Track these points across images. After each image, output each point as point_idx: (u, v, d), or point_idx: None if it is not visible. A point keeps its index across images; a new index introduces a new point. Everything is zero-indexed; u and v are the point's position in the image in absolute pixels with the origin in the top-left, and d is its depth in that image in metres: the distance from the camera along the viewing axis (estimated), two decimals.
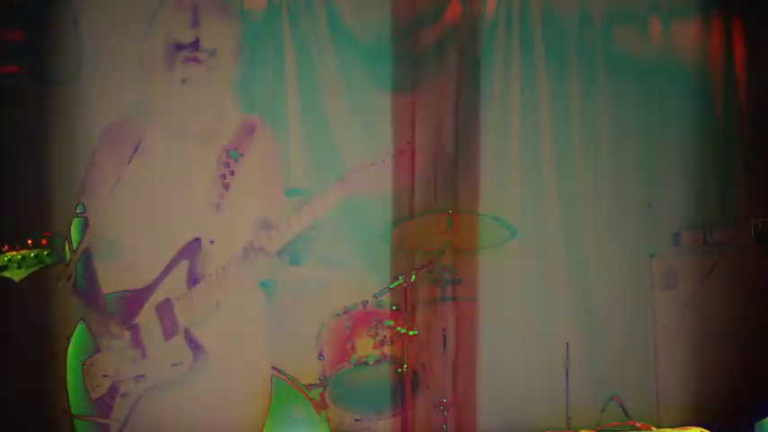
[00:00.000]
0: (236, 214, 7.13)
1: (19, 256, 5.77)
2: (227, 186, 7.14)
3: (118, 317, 7.02)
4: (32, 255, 5.79)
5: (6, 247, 5.83)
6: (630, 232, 7.42)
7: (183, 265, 7.05)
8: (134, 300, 7.03)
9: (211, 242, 7.09)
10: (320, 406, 7.00)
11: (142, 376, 6.99)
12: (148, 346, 7.03)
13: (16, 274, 5.81)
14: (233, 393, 7.05)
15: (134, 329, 7.03)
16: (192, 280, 7.07)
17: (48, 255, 5.84)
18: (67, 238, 6.92)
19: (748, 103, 7.42)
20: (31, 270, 5.80)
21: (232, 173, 7.15)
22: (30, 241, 5.84)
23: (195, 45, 7.13)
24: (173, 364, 7.01)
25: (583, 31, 7.45)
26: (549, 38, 7.42)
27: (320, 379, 7.04)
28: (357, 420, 7.07)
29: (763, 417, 6.48)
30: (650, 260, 7.40)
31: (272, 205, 7.19)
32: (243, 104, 7.24)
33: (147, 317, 7.05)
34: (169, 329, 7.04)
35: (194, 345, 7.04)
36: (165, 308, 7.04)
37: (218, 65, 7.17)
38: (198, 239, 7.08)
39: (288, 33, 7.28)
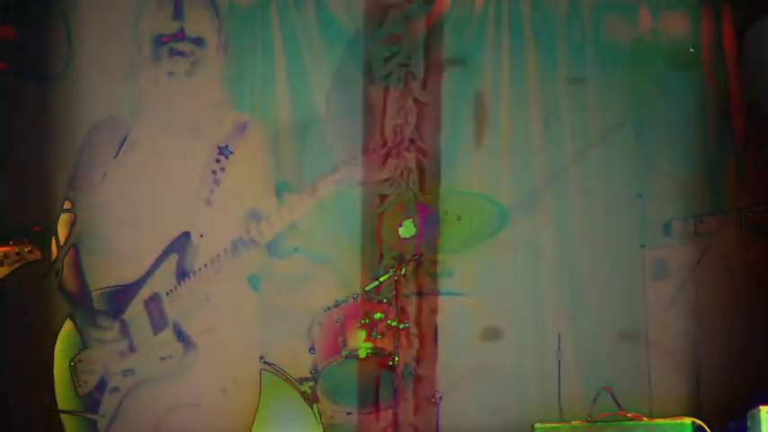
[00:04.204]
0: (225, 209, 7.13)
1: (0, 254, 5.71)
2: (217, 182, 7.14)
3: (106, 312, 7.02)
4: (15, 252, 5.74)
5: None
6: (622, 223, 7.41)
7: (172, 259, 7.05)
8: (122, 294, 7.03)
9: (201, 236, 7.09)
10: (311, 399, 7.00)
11: (131, 370, 6.99)
12: (137, 340, 7.02)
13: None
14: (223, 387, 7.05)
15: (122, 324, 7.03)
16: (181, 274, 7.07)
17: (29, 252, 5.77)
18: (55, 233, 6.94)
19: (738, 92, 7.40)
20: (13, 267, 5.74)
21: (223, 169, 7.15)
22: (11, 242, 5.78)
23: (181, 37, 7.13)
24: (161, 358, 7.01)
25: (572, 20, 7.45)
26: (538, 27, 7.42)
27: (311, 372, 7.03)
28: (348, 414, 7.05)
29: (755, 406, 6.46)
30: (641, 251, 7.40)
31: (262, 200, 7.18)
32: (232, 99, 7.24)
33: (135, 311, 7.04)
34: (158, 323, 7.04)
35: (183, 338, 7.04)
36: (153, 302, 7.03)
37: (205, 57, 7.17)
38: (187, 233, 7.08)
39: (276, 24, 7.30)
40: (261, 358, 7.06)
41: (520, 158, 7.39)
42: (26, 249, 5.77)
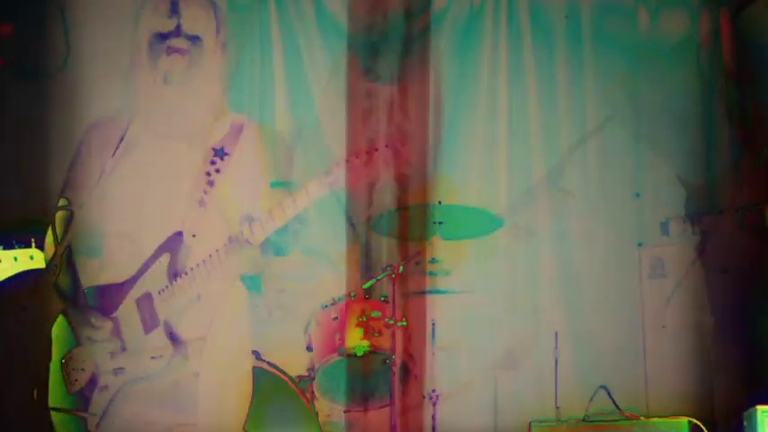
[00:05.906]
0: (219, 209, 7.14)
1: (13, 256, 5.30)
2: (211, 183, 7.14)
3: (97, 310, 7.02)
4: (29, 255, 5.16)
5: None
6: (619, 222, 7.42)
7: (165, 258, 7.06)
8: (114, 293, 7.04)
9: (193, 236, 7.09)
10: (308, 397, 7.01)
11: (121, 369, 7.00)
12: (128, 339, 7.03)
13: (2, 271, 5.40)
14: (214, 386, 7.05)
15: (113, 323, 7.03)
16: (173, 273, 7.07)
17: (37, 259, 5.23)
18: (52, 230, 6.94)
19: (735, 93, 7.41)
20: (19, 270, 5.42)
21: (218, 170, 7.15)
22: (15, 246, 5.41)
23: (178, 36, 7.14)
24: (152, 357, 7.01)
25: (570, 20, 7.45)
26: (536, 28, 7.42)
27: (308, 370, 7.03)
28: (346, 412, 7.07)
29: (751, 406, 6.47)
30: (639, 249, 7.40)
31: (257, 201, 7.19)
32: (229, 99, 7.24)
33: (126, 310, 7.05)
34: (149, 323, 7.04)
35: (174, 338, 7.05)
36: (144, 301, 7.04)
37: (202, 56, 7.17)
38: (180, 233, 7.09)
39: (274, 23, 7.30)
40: (254, 353, 7.06)
41: (516, 159, 7.39)
42: (28, 254, 5.22)
